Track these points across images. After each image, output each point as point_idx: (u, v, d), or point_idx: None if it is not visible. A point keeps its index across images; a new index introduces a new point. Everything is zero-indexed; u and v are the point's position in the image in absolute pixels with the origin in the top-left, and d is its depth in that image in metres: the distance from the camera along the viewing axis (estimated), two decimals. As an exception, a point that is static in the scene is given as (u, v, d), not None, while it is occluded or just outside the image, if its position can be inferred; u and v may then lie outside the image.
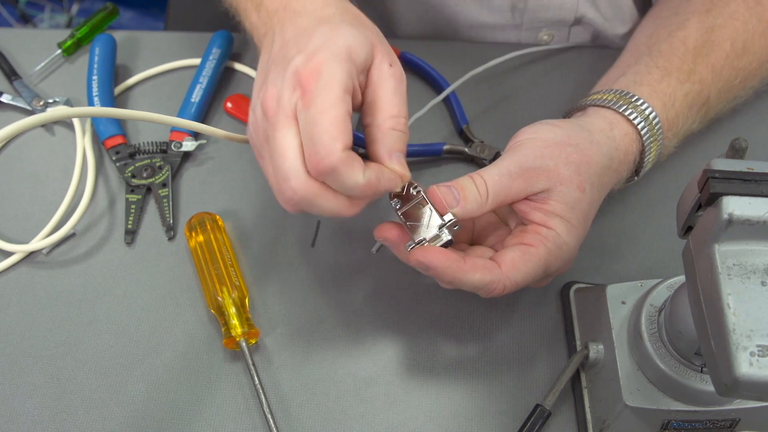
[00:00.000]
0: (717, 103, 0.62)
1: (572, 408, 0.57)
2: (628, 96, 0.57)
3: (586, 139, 0.54)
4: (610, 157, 0.55)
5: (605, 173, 0.55)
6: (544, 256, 0.52)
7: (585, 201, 0.53)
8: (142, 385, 0.58)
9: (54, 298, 0.62)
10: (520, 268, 0.51)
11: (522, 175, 0.52)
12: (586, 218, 0.54)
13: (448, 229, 0.51)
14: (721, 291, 0.39)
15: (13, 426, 0.57)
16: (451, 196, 0.51)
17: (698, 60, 0.60)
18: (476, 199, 0.51)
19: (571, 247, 0.53)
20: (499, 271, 0.51)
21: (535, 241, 0.52)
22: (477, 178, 0.52)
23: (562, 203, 0.52)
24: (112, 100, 0.71)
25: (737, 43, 0.61)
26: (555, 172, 0.52)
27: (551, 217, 0.52)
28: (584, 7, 0.74)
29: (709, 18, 0.61)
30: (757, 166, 0.40)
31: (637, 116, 0.56)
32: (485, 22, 0.78)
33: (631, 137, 0.57)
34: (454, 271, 0.50)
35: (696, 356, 0.48)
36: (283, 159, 0.48)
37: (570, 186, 0.52)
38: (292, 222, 0.66)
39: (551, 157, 0.53)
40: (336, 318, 0.61)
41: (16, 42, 0.77)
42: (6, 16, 1.80)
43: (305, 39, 0.51)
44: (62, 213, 0.65)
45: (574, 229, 0.53)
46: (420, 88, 0.74)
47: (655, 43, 0.62)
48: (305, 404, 0.58)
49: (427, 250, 0.50)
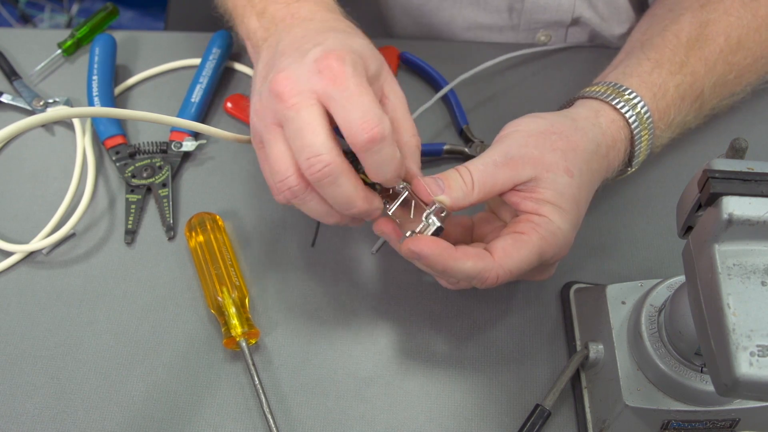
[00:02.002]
0: (712, 97, 0.62)
1: (572, 408, 0.57)
2: (616, 87, 0.58)
3: (570, 126, 0.55)
4: (597, 143, 0.55)
5: (593, 158, 0.55)
6: (537, 243, 0.52)
7: (574, 185, 0.53)
8: (142, 385, 0.58)
9: (54, 298, 0.62)
10: (512, 255, 0.51)
11: (507, 164, 0.52)
12: (577, 203, 0.54)
13: (436, 215, 0.51)
14: (721, 291, 0.39)
15: (13, 426, 0.57)
16: (435, 185, 0.52)
17: (691, 53, 0.60)
18: (461, 188, 0.52)
19: (565, 232, 0.53)
20: (491, 260, 0.51)
21: (527, 229, 0.52)
22: (462, 168, 0.53)
23: (551, 190, 0.52)
24: (112, 100, 0.71)
25: (731, 38, 0.61)
26: (540, 159, 0.52)
27: (542, 204, 0.52)
28: (581, 7, 0.75)
29: (703, 13, 0.62)
30: (757, 166, 0.40)
31: (624, 104, 0.57)
32: (482, 23, 0.78)
33: (618, 124, 0.57)
34: (445, 258, 0.50)
35: (696, 356, 0.48)
36: (313, 134, 0.48)
37: (557, 172, 0.53)
38: (292, 222, 0.66)
39: (536, 146, 0.53)
40: (336, 318, 0.61)
41: (16, 42, 0.77)
42: (6, 16, 1.80)
43: (321, 36, 0.51)
44: (62, 213, 0.65)
45: (566, 214, 0.53)
46: (420, 88, 0.74)
47: (648, 39, 0.62)
48: (305, 404, 0.58)
49: (418, 239, 0.50)
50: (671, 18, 0.63)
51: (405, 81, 0.74)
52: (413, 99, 0.73)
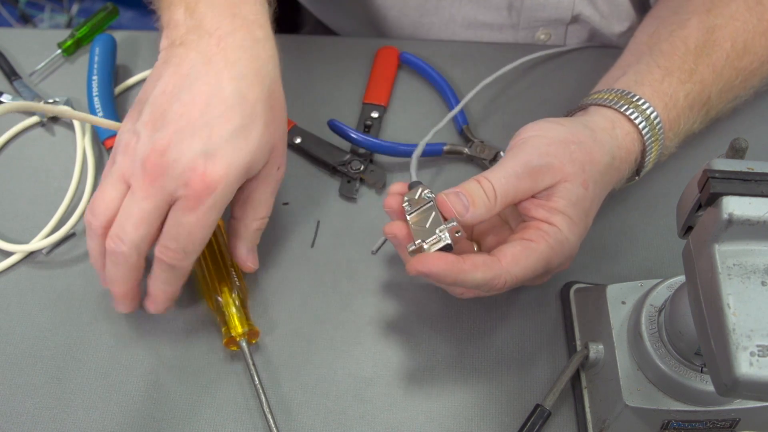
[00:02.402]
0: (718, 103, 0.62)
1: (572, 408, 0.57)
2: (629, 96, 0.57)
3: (589, 137, 0.55)
4: (612, 156, 0.55)
5: (607, 171, 0.55)
6: (545, 252, 0.52)
7: (588, 198, 0.54)
8: (142, 385, 0.58)
9: (54, 298, 0.62)
10: (520, 262, 0.51)
11: (528, 174, 0.52)
12: (587, 215, 0.54)
13: (449, 232, 0.51)
14: (721, 291, 0.39)
15: (13, 426, 0.57)
16: (461, 204, 0.51)
17: (699, 60, 0.60)
18: (485, 203, 0.51)
19: (572, 243, 0.53)
20: (500, 266, 0.51)
21: (537, 237, 0.52)
22: (484, 181, 0.52)
23: (565, 200, 0.53)
24: (112, 100, 0.71)
25: (738, 43, 0.61)
26: (560, 169, 0.52)
27: (554, 213, 0.53)
28: (581, 5, 0.74)
29: (709, 18, 0.61)
30: (757, 166, 0.40)
31: (639, 116, 0.56)
32: (482, 21, 0.77)
33: (632, 137, 0.57)
34: (455, 273, 0.50)
35: (696, 356, 0.48)
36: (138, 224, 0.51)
37: (574, 183, 0.53)
38: (292, 222, 0.66)
39: (556, 155, 0.53)
40: (336, 318, 0.61)
41: (16, 42, 0.77)
42: (6, 16, 1.80)
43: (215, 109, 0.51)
44: (62, 213, 0.65)
45: (575, 225, 0.53)
46: (420, 88, 0.74)
47: (656, 43, 0.62)
48: (305, 404, 0.58)
49: (425, 258, 0.50)
50: (678, 22, 0.62)
51: (405, 81, 0.74)
52: (413, 99, 0.73)
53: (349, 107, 0.72)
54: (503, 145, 0.69)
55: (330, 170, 0.68)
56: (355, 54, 0.76)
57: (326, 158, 0.68)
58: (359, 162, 0.67)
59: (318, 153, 0.68)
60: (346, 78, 0.74)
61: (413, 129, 0.71)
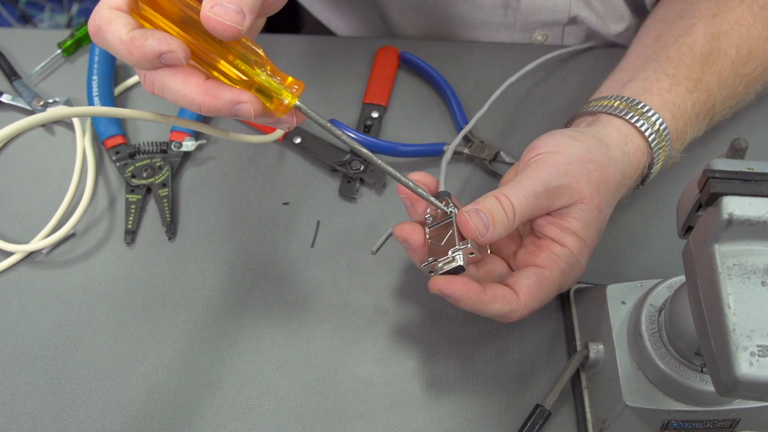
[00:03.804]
0: (722, 109, 0.63)
1: (572, 408, 0.57)
2: (638, 106, 0.57)
3: (605, 155, 0.54)
4: (623, 173, 0.56)
5: (618, 190, 0.56)
6: (558, 279, 0.53)
7: (600, 219, 0.54)
8: (142, 385, 0.58)
9: (54, 298, 0.62)
10: (536, 294, 0.53)
11: (547, 194, 0.52)
12: (598, 236, 0.55)
13: (464, 253, 0.50)
14: (721, 291, 0.39)
15: (13, 426, 0.57)
16: (482, 224, 0.50)
17: (705, 68, 0.60)
18: (504, 223, 0.51)
19: (582, 265, 0.55)
20: (518, 301, 0.52)
21: (549, 263, 0.53)
22: (503, 199, 0.51)
23: (579, 221, 0.53)
24: (112, 100, 0.71)
25: (742, 49, 0.61)
26: (577, 190, 0.53)
27: (567, 233, 0.53)
28: (577, 7, 0.74)
29: (715, 24, 0.61)
30: (757, 166, 0.40)
31: (649, 128, 0.56)
32: (480, 20, 0.77)
33: (642, 151, 0.57)
34: (475, 302, 0.51)
35: (696, 356, 0.48)
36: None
37: (590, 205, 0.53)
38: (292, 222, 0.66)
39: (574, 175, 0.53)
40: (336, 318, 0.61)
41: (16, 42, 0.77)
42: (6, 16, 1.80)
43: None
44: (62, 213, 0.65)
45: (586, 247, 0.54)
46: (420, 88, 0.74)
47: (662, 48, 0.61)
48: (305, 404, 0.58)
49: (450, 281, 0.50)
50: (684, 27, 0.62)
51: (405, 81, 0.74)
52: (413, 99, 0.73)
53: (349, 107, 0.72)
54: (503, 145, 0.69)
55: (330, 170, 0.68)
56: (355, 54, 0.76)
57: (326, 158, 0.68)
58: (359, 162, 0.67)
59: (318, 153, 0.69)
60: (346, 78, 0.74)
61: (413, 129, 0.71)
